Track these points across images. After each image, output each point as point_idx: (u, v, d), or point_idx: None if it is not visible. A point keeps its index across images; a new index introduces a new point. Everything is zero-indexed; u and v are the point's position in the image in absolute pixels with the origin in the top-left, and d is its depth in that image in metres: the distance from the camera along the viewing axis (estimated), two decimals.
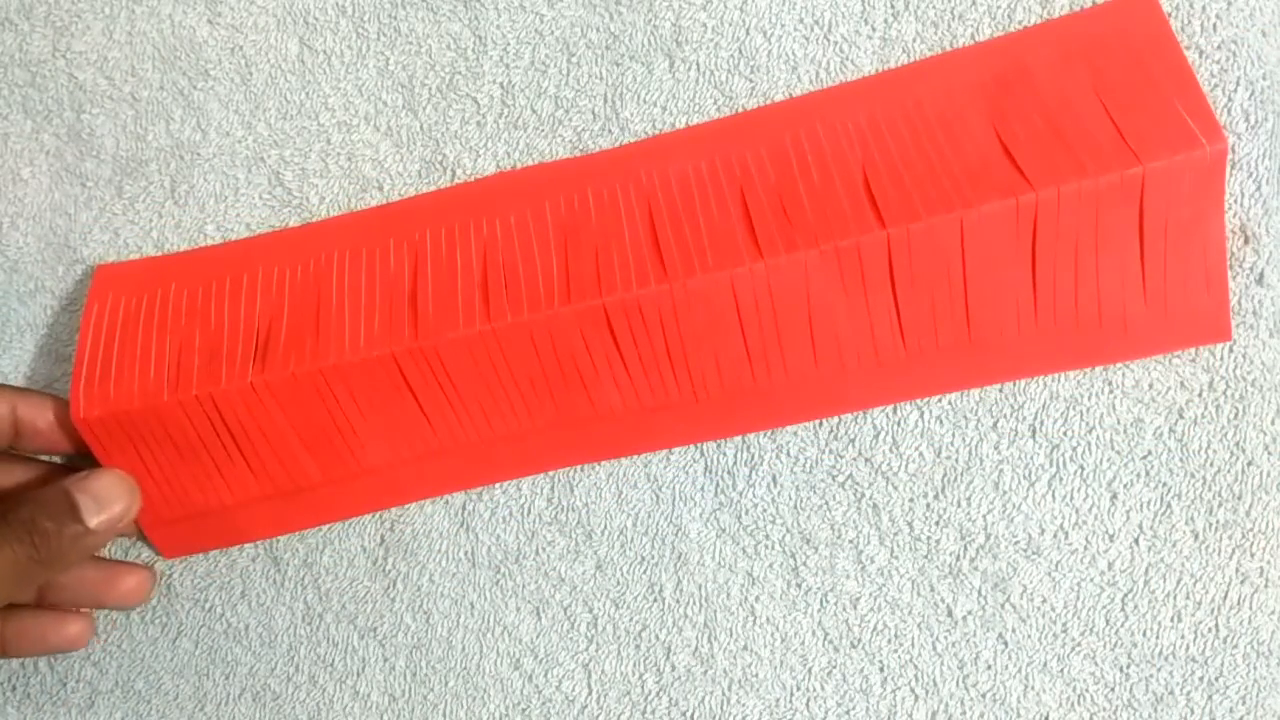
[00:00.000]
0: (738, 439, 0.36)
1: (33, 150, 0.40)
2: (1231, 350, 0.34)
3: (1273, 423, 0.34)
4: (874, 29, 0.36)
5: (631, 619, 0.37)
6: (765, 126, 0.36)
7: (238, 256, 0.38)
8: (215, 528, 0.38)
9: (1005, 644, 0.35)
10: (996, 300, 0.34)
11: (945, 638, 0.35)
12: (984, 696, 0.35)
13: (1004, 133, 0.33)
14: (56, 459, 0.38)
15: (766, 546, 0.36)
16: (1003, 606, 0.35)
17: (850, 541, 0.36)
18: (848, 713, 0.36)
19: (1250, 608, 0.34)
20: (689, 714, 0.36)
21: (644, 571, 0.37)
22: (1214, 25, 0.34)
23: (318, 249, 0.37)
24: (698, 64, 0.37)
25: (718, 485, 0.36)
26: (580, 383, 0.35)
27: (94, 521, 0.33)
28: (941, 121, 0.34)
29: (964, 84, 0.34)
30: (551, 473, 0.37)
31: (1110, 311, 0.34)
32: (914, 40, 0.35)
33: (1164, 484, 0.34)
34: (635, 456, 0.37)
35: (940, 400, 0.35)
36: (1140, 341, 0.34)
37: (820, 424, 0.36)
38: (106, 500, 0.34)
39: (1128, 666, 0.35)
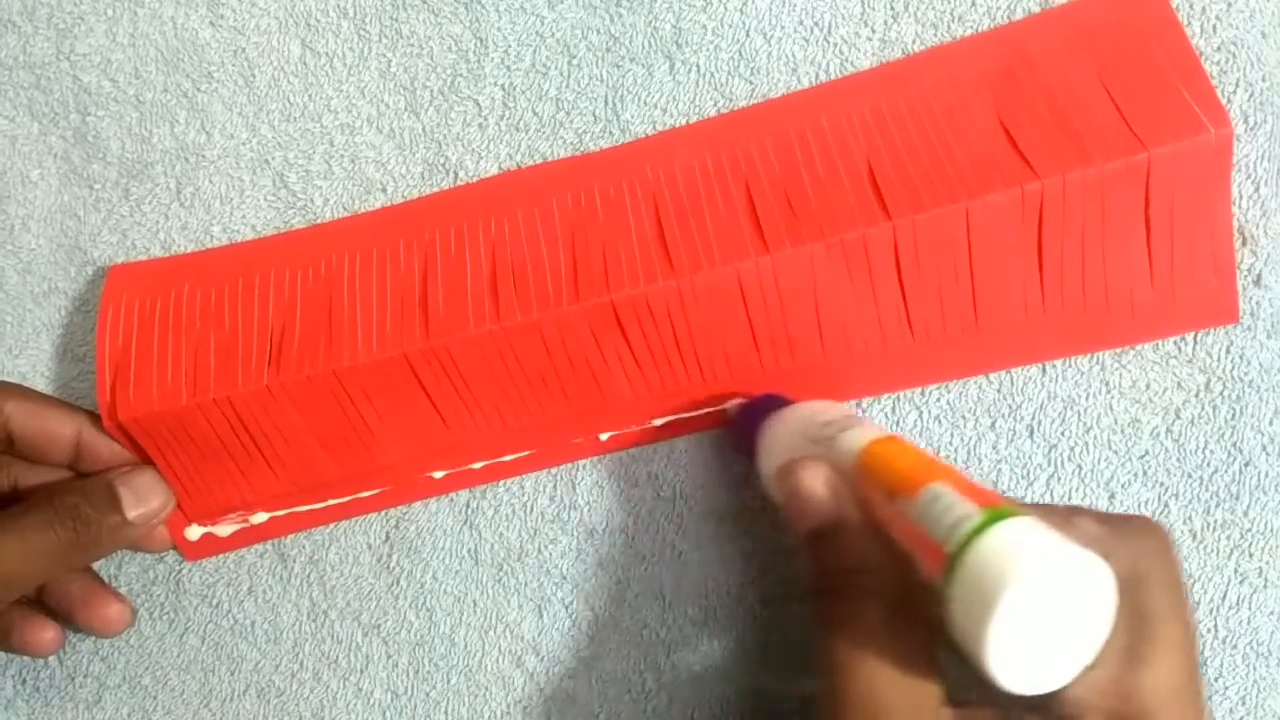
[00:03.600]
0: None
1: (40, 153, 0.40)
2: (1229, 351, 0.34)
3: (1270, 423, 0.34)
4: (873, 31, 0.36)
5: (632, 617, 0.37)
6: (769, 120, 0.36)
7: (249, 258, 0.38)
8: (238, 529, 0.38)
9: None
10: (1003, 288, 0.34)
11: None
12: None
13: (1008, 121, 0.33)
14: None
15: (767, 545, 0.36)
16: None
17: None
18: None
19: (1249, 608, 0.34)
20: (689, 713, 0.37)
21: (645, 570, 0.37)
22: (1214, 27, 0.34)
23: (328, 250, 0.37)
24: (698, 66, 0.37)
25: (718, 483, 0.37)
26: (591, 378, 0.35)
27: (133, 514, 0.35)
28: (946, 112, 0.34)
29: (968, 74, 0.34)
30: (554, 471, 0.37)
31: (1117, 296, 0.34)
32: (913, 42, 0.35)
33: (1161, 484, 0.34)
34: (636, 455, 0.37)
35: (938, 400, 0.35)
36: (1148, 325, 0.34)
37: None
38: (146, 495, 0.36)
39: None
